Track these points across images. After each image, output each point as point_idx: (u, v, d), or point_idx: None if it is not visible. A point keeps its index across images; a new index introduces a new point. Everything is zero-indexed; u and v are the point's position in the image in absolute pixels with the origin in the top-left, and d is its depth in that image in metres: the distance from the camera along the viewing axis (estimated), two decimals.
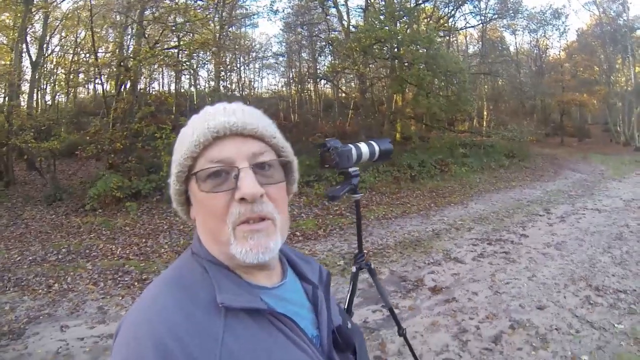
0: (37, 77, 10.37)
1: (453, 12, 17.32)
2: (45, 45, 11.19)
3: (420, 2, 14.18)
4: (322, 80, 18.25)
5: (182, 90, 16.62)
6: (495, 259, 5.13)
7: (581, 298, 3.90)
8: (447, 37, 18.14)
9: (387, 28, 11.19)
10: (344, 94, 18.38)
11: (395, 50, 12.06)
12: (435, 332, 3.35)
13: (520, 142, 14.88)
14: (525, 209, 8.04)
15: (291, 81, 20.20)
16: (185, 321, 0.58)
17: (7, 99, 9.46)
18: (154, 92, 14.04)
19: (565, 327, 3.36)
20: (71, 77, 12.78)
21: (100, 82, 11.07)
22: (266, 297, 0.67)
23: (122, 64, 9.46)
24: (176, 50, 11.01)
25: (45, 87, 13.43)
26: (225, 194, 0.63)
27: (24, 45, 9.64)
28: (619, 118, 21.52)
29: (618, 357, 2.93)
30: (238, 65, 18.29)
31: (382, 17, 11.80)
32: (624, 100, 21.06)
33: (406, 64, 12.18)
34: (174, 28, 10.98)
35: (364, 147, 1.67)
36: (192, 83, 16.20)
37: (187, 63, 12.00)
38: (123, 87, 10.05)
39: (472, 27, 20.37)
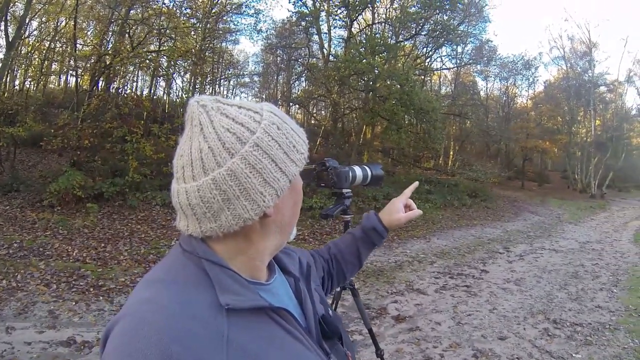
0: (10, 59, 9.86)
1: (431, 53, 18.12)
2: (24, 28, 10.70)
3: (401, 39, 14.75)
4: (295, 105, 18.34)
5: (155, 97, 16.21)
6: (457, 291, 5.25)
7: (540, 330, 4.06)
8: (423, 76, 18.80)
9: (365, 61, 11.48)
10: (315, 121, 18.54)
11: (372, 83, 12.34)
12: (400, 359, 3.37)
13: (483, 182, 15.51)
14: (485, 246, 8.33)
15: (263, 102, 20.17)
16: (189, 324, 0.56)
17: None
18: (128, 94, 13.65)
19: (526, 356, 3.49)
20: (45, 64, 12.29)
21: (75, 74, 10.70)
22: (263, 292, 0.67)
23: (100, 59, 9.20)
24: (156, 55, 10.84)
25: (16, 71, 12.81)
26: None
27: (2, 24, 9.17)
28: (578, 166, 22.99)
29: None
30: (216, 78, 18.07)
31: (362, 49, 12.09)
32: (583, 150, 22.61)
33: (380, 97, 12.48)
34: (157, 32, 10.84)
35: (358, 170, 1.69)
36: (167, 90, 15.88)
37: (166, 69, 11.82)
38: (97, 83, 9.75)
39: (447, 69, 21.46)
